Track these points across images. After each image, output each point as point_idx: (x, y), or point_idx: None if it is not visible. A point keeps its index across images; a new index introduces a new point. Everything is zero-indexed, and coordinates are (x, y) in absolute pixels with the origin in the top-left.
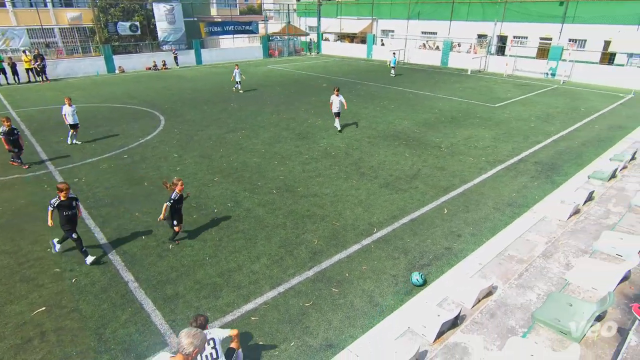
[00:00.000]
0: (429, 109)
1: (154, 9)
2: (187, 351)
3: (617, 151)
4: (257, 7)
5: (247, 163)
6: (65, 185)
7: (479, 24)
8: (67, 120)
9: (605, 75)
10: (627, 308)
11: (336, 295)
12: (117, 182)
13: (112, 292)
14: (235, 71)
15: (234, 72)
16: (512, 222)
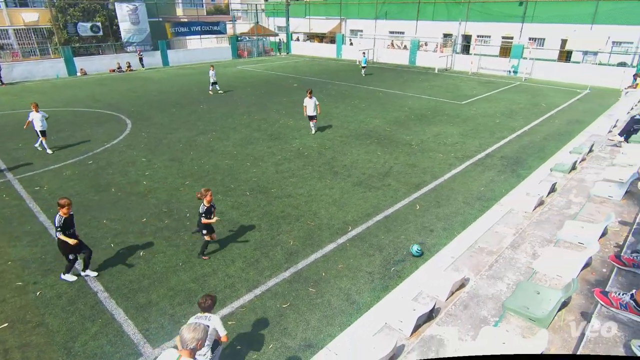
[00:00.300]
0: (399, 107)
1: (116, 9)
2: (191, 346)
3: (576, 144)
4: (225, 7)
5: (218, 165)
6: (67, 200)
7: (444, 24)
8: (35, 127)
9: (563, 72)
10: (590, 293)
11: (313, 295)
12: (83, 189)
13: (80, 303)
14: (210, 72)
15: (210, 74)
16: (481, 215)
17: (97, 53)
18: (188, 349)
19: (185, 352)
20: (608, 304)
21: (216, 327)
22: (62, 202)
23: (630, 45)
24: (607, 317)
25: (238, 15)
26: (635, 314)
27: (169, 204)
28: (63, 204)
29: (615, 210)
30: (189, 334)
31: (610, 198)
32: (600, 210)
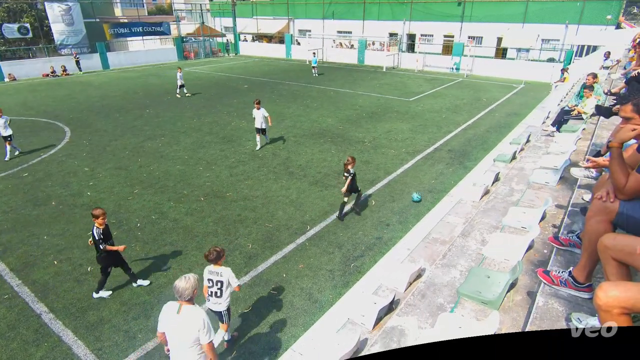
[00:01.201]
0: (350, 105)
1: (46, 9)
2: (186, 297)
3: (515, 135)
4: (167, 7)
5: (169, 171)
6: (101, 210)
7: (389, 23)
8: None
9: (500, 69)
10: (534, 273)
11: (275, 297)
12: (18, 204)
13: (21, 328)
14: (177, 74)
15: (177, 76)
16: (433, 207)
17: (27, 57)
18: (186, 299)
19: (184, 302)
20: (550, 282)
21: (229, 279)
22: (96, 213)
23: (557, 42)
24: (549, 294)
25: (182, 16)
26: (573, 289)
27: (117, 214)
28: (97, 215)
29: (552, 195)
30: (182, 285)
31: (547, 184)
32: (539, 195)
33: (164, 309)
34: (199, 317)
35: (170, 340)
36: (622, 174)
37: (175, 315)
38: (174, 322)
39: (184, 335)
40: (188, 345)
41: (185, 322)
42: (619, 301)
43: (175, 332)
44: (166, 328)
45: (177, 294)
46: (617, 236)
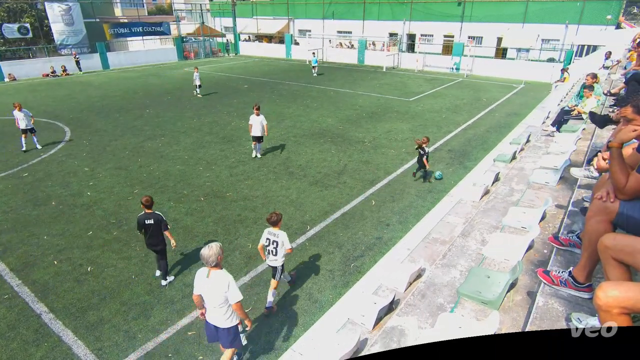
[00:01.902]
0: (350, 105)
1: (46, 9)
2: (211, 263)
3: (515, 135)
4: (167, 7)
5: (169, 171)
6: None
7: (389, 23)
8: (20, 125)
9: (500, 69)
10: (534, 273)
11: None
12: (18, 204)
13: (21, 328)
14: (194, 74)
15: (194, 76)
16: (433, 207)
17: (27, 57)
18: (212, 265)
19: (212, 267)
20: (550, 282)
21: (283, 241)
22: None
23: (557, 42)
24: (549, 294)
25: (182, 16)
26: (573, 289)
27: (117, 214)
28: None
29: (552, 195)
30: (206, 253)
31: (547, 184)
32: (539, 195)
33: (197, 274)
34: (225, 280)
35: (205, 301)
36: (622, 174)
37: (206, 278)
38: (205, 285)
39: (214, 296)
40: (219, 304)
41: (214, 285)
42: (619, 301)
43: (207, 294)
44: (201, 290)
45: (204, 260)
46: (617, 236)
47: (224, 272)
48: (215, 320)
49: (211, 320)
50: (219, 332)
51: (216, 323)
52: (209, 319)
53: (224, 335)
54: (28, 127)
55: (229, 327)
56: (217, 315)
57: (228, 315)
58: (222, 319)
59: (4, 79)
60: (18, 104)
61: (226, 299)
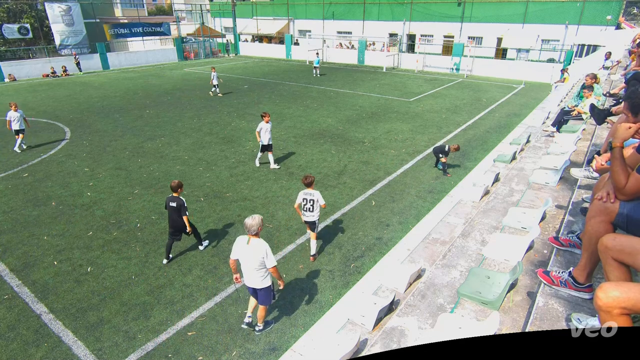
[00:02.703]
0: (350, 106)
1: (46, 9)
2: (253, 231)
3: (515, 136)
4: (167, 8)
5: (169, 172)
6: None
7: (389, 24)
8: (14, 127)
9: (500, 69)
10: (534, 274)
11: (275, 298)
12: (18, 204)
13: (21, 328)
14: (212, 74)
15: (212, 75)
16: (433, 207)
17: (27, 57)
18: (252, 234)
19: (252, 235)
20: (550, 282)
21: (318, 199)
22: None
23: (557, 42)
24: (549, 294)
25: (182, 16)
26: (573, 289)
27: (117, 215)
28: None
29: (552, 196)
30: (249, 222)
31: (547, 184)
32: (539, 196)
33: (237, 241)
34: (263, 247)
35: (243, 265)
36: (623, 174)
37: (246, 245)
38: (245, 250)
39: (252, 261)
40: (256, 268)
41: (253, 251)
42: (619, 302)
43: (246, 258)
44: (239, 255)
45: (246, 229)
46: (618, 236)
47: (262, 241)
48: (252, 283)
49: (249, 283)
50: (257, 292)
51: (253, 285)
52: (247, 282)
53: (260, 294)
54: (21, 128)
55: (264, 287)
56: (254, 278)
57: (264, 277)
58: (258, 281)
59: (4, 79)
60: (14, 103)
61: (262, 263)
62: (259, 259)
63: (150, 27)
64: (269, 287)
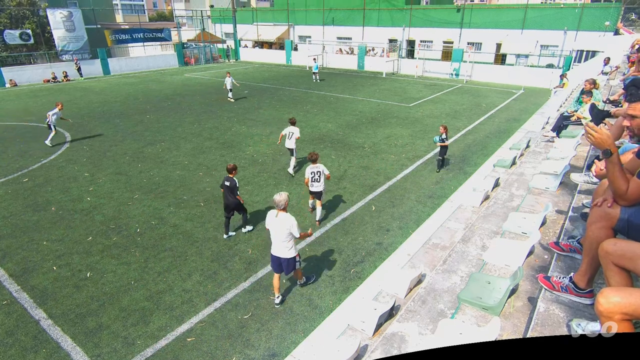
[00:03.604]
0: (350, 111)
1: (48, 15)
2: (281, 206)
3: (514, 141)
4: (168, 14)
5: (169, 177)
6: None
7: (389, 30)
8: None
9: (500, 74)
10: (534, 279)
11: (275, 303)
12: (18, 209)
13: (20, 334)
14: (227, 79)
15: (225, 80)
16: (433, 212)
17: (28, 62)
18: (281, 208)
19: (280, 210)
20: (551, 287)
21: (323, 170)
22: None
23: (555, 48)
24: (550, 300)
25: (183, 22)
26: (574, 295)
27: (117, 220)
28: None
29: (552, 201)
30: (277, 198)
31: (547, 189)
32: (539, 201)
33: (268, 214)
34: (290, 220)
35: (272, 235)
36: (623, 180)
37: (275, 218)
38: (274, 223)
39: (280, 233)
40: (282, 240)
41: (281, 223)
42: (621, 307)
43: (275, 230)
44: (270, 226)
45: (275, 204)
46: (618, 242)
47: (290, 215)
48: (279, 252)
49: (275, 253)
50: (282, 261)
51: (280, 254)
52: (274, 252)
53: (285, 263)
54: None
55: (289, 257)
56: (282, 248)
57: (289, 248)
58: (285, 251)
59: (5, 84)
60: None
61: (289, 235)
62: (285, 231)
63: (151, 33)
64: (293, 257)
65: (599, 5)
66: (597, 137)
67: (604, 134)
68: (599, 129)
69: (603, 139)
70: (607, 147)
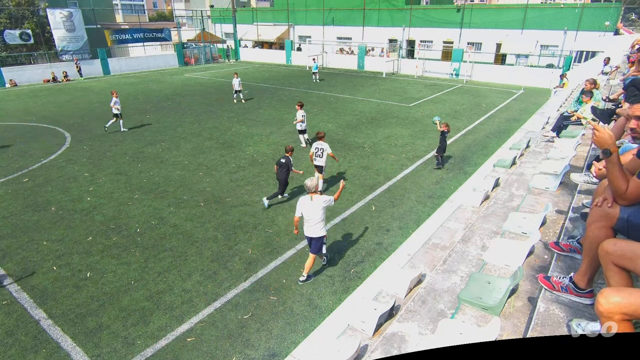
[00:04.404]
0: (350, 111)
1: (48, 15)
2: (313, 190)
3: (514, 141)
4: (168, 14)
5: (169, 177)
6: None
7: (389, 30)
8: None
9: (500, 74)
10: (534, 279)
11: (275, 303)
12: (18, 209)
13: (20, 334)
14: (234, 80)
15: (233, 81)
16: (433, 212)
17: (28, 62)
18: (313, 192)
19: (313, 193)
20: (551, 287)
21: (325, 148)
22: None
23: (555, 48)
24: (550, 300)
25: (183, 22)
26: (574, 295)
27: (117, 220)
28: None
29: (552, 201)
30: (309, 183)
31: (547, 189)
32: (539, 201)
33: (301, 200)
34: (325, 198)
35: (306, 218)
36: (622, 179)
37: (310, 202)
38: (309, 205)
39: (315, 214)
40: (317, 221)
41: (316, 205)
42: (621, 307)
43: (310, 213)
44: (303, 211)
45: (307, 188)
46: (618, 242)
47: (322, 195)
48: (311, 233)
49: (309, 234)
50: (313, 241)
51: (312, 235)
52: (308, 234)
53: (314, 243)
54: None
55: (320, 236)
56: (315, 229)
57: (321, 227)
58: (317, 231)
59: (5, 84)
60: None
61: (323, 214)
62: (320, 212)
63: (151, 33)
64: (322, 237)
65: (599, 5)
66: (598, 136)
67: (606, 133)
68: (601, 128)
69: (604, 138)
70: (607, 147)
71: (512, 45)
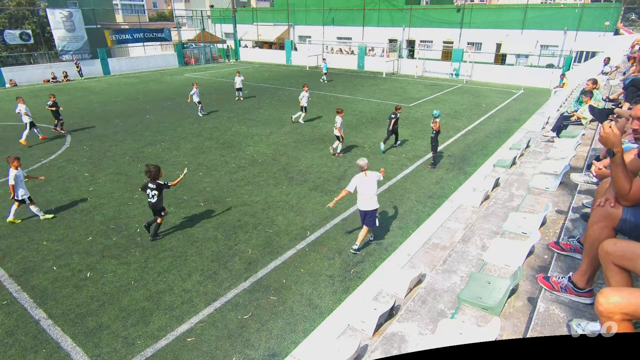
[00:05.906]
0: (350, 111)
1: (48, 15)
2: (365, 167)
3: (514, 141)
4: (168, 14)
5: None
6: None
7: (389, 30)
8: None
9: (500, 74)
10: (534, 279)
11: (275, 303)
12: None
13: (20, 334)
14: (236, 78)
15: (235, 79)
16: (433, 212)
17: (28, 62)
18: (365, 169)
19: (366, 170)
20: (550, 288)
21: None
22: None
23: (555, 48)
24: (550, 300)
25: (183, 22)
26: (574, 294)
27: (117, 220)
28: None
29: (552, 200)
30: (361, 162)
31: (547, 189)
32: (539, 201)
33: (355, 178)
34: (376, 173)
35: (361, 194)
36: (626, 180)
37: (365, 177)
38: (365, 181)
39: (371, 188)
40: (372, 195)
41: (371, 180)
42: (621, 307)
43: (366, 187)
44: (358, 185)
45: (360, 167)
46: (618, 241)
47: (373, 172)
48: (366, 206)
49: (362, 207)
50: (367, 214)
51: (367, 208)
52: (361, 207)
53: (369, 216)
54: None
55: (375, 208)
56: (370, 202)
57: (375, 201)
58: (372, 204)
59: (5, 84)
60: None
61: (377, 187)
62: (374, 185)
63: (151, 33)
64: (376, 209)
65: (599, 5)
66: (603, 135)
67: (611, 133)
68: (608, 127)
69: (609, 137)
70: (612, 146)
71: (512, 45)
